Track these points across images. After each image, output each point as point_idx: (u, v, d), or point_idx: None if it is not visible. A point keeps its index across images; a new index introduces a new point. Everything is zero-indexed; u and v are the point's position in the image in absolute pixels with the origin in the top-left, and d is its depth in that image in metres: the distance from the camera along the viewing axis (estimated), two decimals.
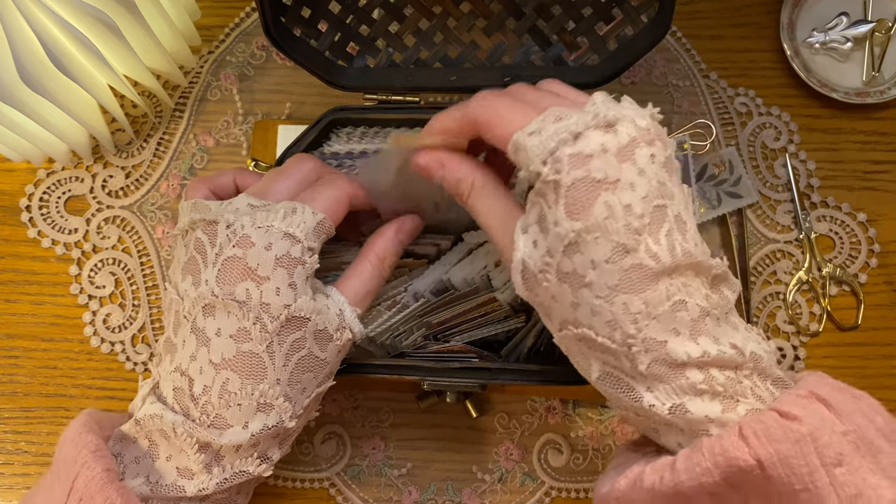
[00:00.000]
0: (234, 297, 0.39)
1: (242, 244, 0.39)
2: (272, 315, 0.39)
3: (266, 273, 0.39)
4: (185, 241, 0.42)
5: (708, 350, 0.34)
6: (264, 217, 0.40)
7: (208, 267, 0.39)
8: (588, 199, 0.34)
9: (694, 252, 0.35)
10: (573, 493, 0.56)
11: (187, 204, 0.43)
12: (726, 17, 0.63)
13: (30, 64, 0.50)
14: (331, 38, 0.53)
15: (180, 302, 0.40)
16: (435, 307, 0.48)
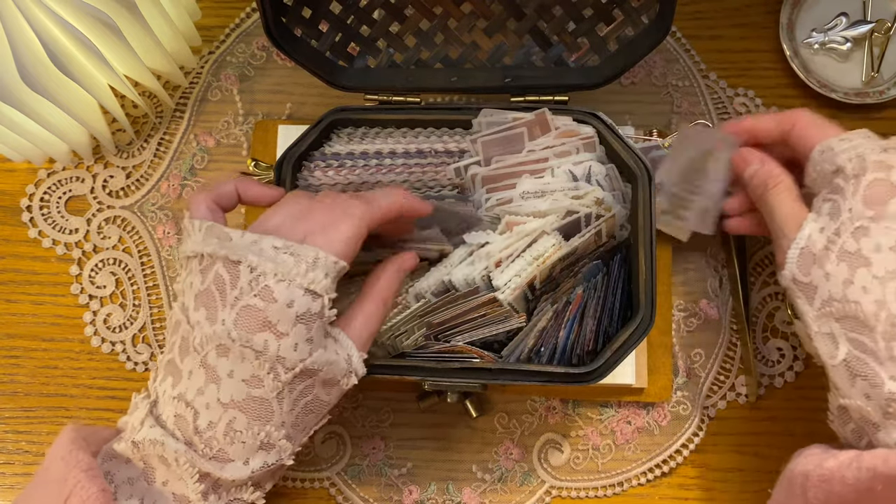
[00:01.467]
0: (252, 345, 0.39)
1: (264, 296, 0.39)
2: (287, 367, 0.39)
3: (286, 329, 0.39)
4: (201, 268, 0.41)
5: None
6: (288, 268, 0.39)
7: (226, 307, 0.39)
8: (884, 196, 0.41)
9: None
10: (573, 492, 0.56)
11: (200, 225, 0.42)
12: (726, 18, 0.63)
13: (30, 64, 0.50)
14: (331, 39, 0.53)
15: (190, 330, 0.40)
16: (436, 307, 0.48)
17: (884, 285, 0.39)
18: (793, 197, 0.47)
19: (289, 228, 0.41)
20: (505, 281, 0.47)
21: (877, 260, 0.39)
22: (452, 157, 0.51)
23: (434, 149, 0.51)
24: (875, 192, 0.41)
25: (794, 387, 0.57)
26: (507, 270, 0.47)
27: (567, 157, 0.50)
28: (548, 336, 0.49)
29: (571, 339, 0.48)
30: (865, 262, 0.40)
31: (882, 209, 0.40)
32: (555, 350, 0.49)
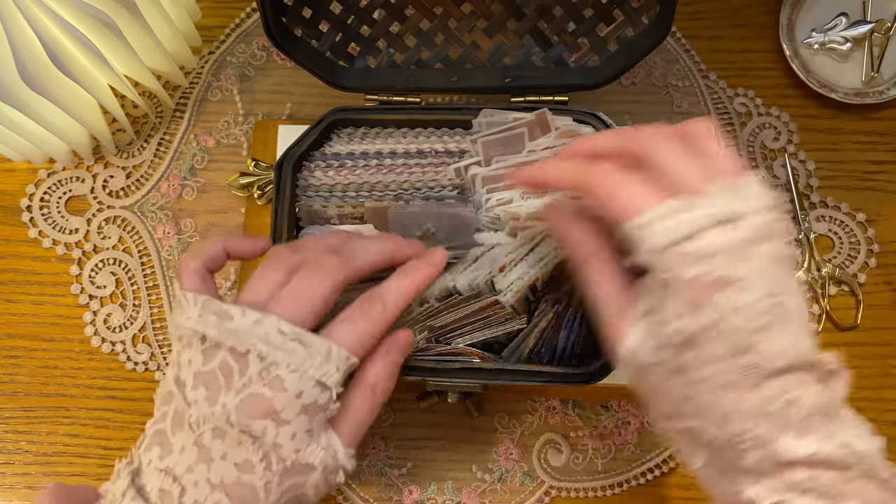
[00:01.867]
0: (251, 430, 0.38)
1: (274, 386, 0.38)
2: (280, 456, 0.38)
3: (289, 417, 0.38)
4: (203, 348, 0.39)
5: (817, 450, 0.33)
6: (300, 359, 0.38)
7: (230, 392, 0.38)
8: (705, 297, 0.33)
9: (813, 348, 0.34)
10: (573, 492, 0.56)
11: (195, 299, 0.40)
12: (726, 18, 0.63)
13: (30, 64, 0.50)
14: (332, 39, 0.53)
15: (186, 407, 0.39)
16: (438, 311, 0.48)
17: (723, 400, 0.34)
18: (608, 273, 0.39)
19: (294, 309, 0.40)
20: (507, 284, 0.47)
21: (708, 374, 0.34)
22: (452, 157, 0.51)
23: (434, 149, 0.51)
24: (693, 294, 0.34)
25: None
26: (509, 274, 0.47)
27: None
28: (548, 336, 0.48)
29: (572, 339, 0.48)
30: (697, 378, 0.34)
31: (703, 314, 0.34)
32: (555, 350, 0.49)
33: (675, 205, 0.34)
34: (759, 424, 0.34)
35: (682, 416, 0.36)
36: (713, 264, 0.33)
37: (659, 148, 0.36)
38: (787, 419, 0.33)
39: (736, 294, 0.33)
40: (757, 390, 0.33)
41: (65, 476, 0.57)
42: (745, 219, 0.34)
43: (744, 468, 0.35)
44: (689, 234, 0.33)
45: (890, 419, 0.57)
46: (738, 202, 0.34)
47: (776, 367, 0.33)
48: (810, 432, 0.33)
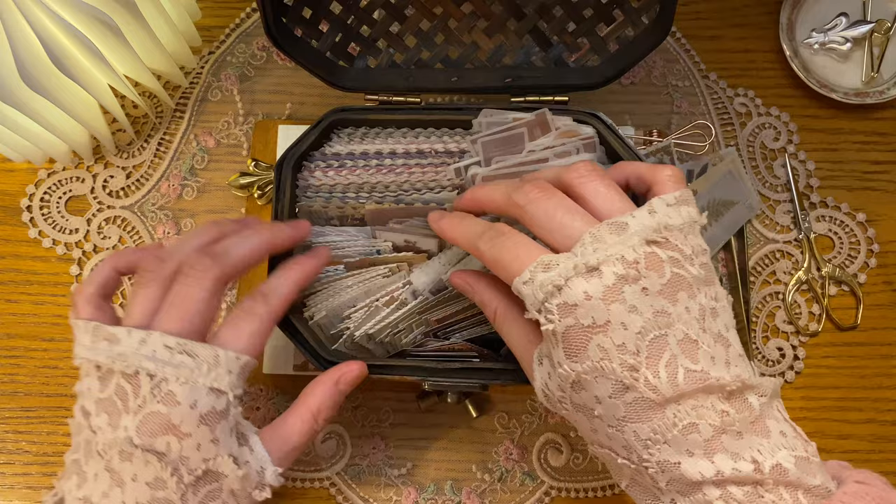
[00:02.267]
0: (154, 448, 0.38)
1: (167, 402, 0.38)
2: (190, 468, 0.38)
3: (189, 430, 0.38)
4: (99, 375, 0.39)
5: (722, 469, 0.34)
6: (189, 371, 0.38)
7: (129, 414, 0.38)
8: (582, 343, 0.35)
9: (706, 373, 0.35)
10: (573, 492, 0.56)
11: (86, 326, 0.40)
12: (726, 18, 0.63)
13: (30, 64, 0.50)
14: (332, 39, 0.53)
15: (92, 435, 0.39)
16: (434, 304, 0.48)
17: (622, 431, 0.36)
18: (515, 324, 0.41)
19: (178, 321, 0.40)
20: None
21: (602, 411, 0.36)
22: (452, 157, 0.51)
23: (434, 149, 0.51)
24: (571, 341, 0.36)
25: (795, 387, 0.57)
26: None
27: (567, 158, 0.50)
28: None
29: None
30: (595, 414, 0.37)
31: (583, 358, 0.36)
32: None
33: (545, 261, 0.36)
34: (661, 451, 0.35)
35: (597, 443, 0.39)
36: (577, 314, 0.35)
37: (537, 206, 0.39)
38: (689, 443, 0.34)
39: (609, 335, 0.35)
40: (649, 422, 0.35)
41: None
42: (609, 263, 0.35)
43: (659, 488, 0.36)
44: (554, 288, 0.36)
45: (890, 419, 0.57)
46: (602, 250, 0.35)
47: (664, 399, 0.34)
48: (717, 452, 0.34)
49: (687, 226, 0.37)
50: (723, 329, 0.37)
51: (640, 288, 0.35)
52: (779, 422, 0.36)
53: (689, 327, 0.35)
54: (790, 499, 0.34)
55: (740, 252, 0.58)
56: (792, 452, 0.35)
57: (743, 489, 0.34)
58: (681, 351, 0.35)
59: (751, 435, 0.35)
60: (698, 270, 0.37)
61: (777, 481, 0.34)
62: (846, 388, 0.57)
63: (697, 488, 0.35)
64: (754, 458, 0.34)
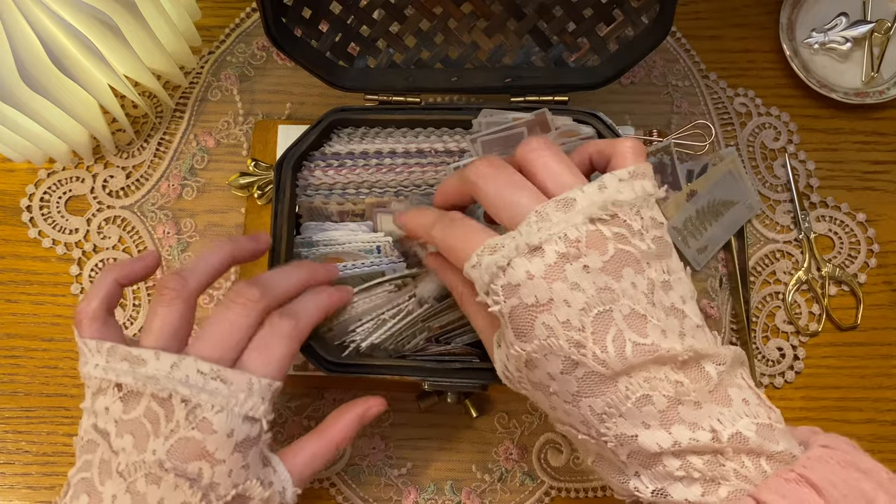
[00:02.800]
0: (186, 473, 0.38)
1: (203, 429, 0.38)
2: (219, 494, 0.38)
3: (223, 457, 0.38)
4: (121, 395, 0.39)
5: (679, 439, 0.34)
6: (224, 399, 0.38)
7: (159, 437, 0.38)
8: (528, 322, 0.36)
9: (656, 345, 0.35)
10: (573, 492, 0.56)
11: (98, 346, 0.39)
12: (726, 18, 0.63)
13: (30, 64, 0.50)
14: (332, 39, 0.53)
15: (113, 456, 0.38)
16: (437, 311, 0.48)
17: (578, 407, 0.36)
18: (478, 311, 0.42)
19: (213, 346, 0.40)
20: None
21: (556, 388, 0.36)
22: (452, 156, 0.51)
23: (434, 149, 0.51)
24: (517, 321, 0.36)
25: (794, 387, 0.57)
26: None
27: None
28: None
29: None
30: (551, 391, 0.37)
31: (531, 337, 0.36)
32: None
33: (491, 244, 0.37)
34: (617, 425, 0.35)
35: (558, 421, 0.39)
36: (521, 294, 0.36)
37: (486, 183, 0.39)
38: (644, 415, 0.35)
39: (553, 313, 0.35)
40: (602, 396, 0.35)
41: (65, 476, 0.57)
42: (551, 242, 0.35)
43: (622, 461, 0.36)
44: (498, 269, 0.36)
45: (890, 419, 0.57)
46: (543, 229, 0.36)
47: (614, 372, 0.35)
48: (673, 423, 0.35)
49: (640, 199, 0.37)
50: (677, 301, 0.37)
51: (581, 266, 0.35)
52: (741, 389, 0.36)
53: (636, 302, 0.36)
54: (752, 466, 0.34)
55: (740, 252, 0.58)
56: (754, 420, 0.35)
57: (703, 458, 0.34)
58: (627, 325, 0.35)
59: (710, 404, 0.35)
60: (648, 245, 0.37)
61: (737, 449, 0.34)
62: (846, 388, 0.57)
63: (657, 460, 0.35)
64: (713, 427, 0.34)
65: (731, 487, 0.34)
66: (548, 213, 0.36)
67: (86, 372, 0.40)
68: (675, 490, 0.35)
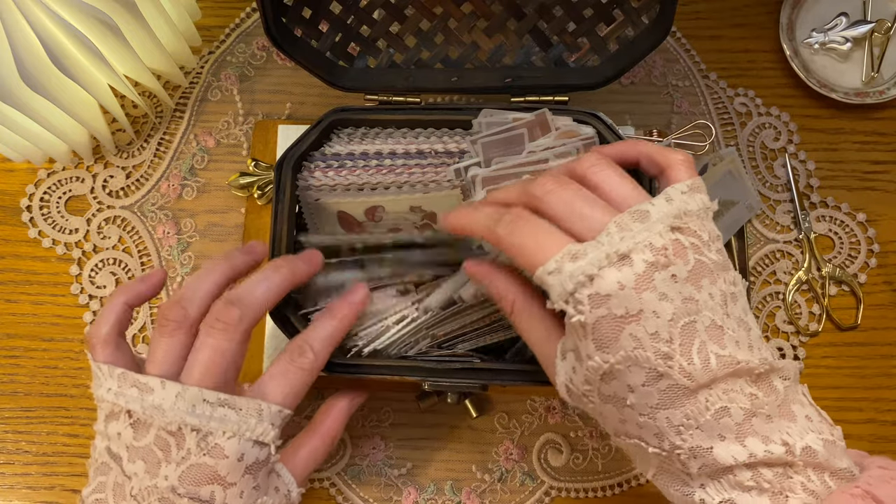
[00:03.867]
0: (199, 497, 0.38)
1: (214, 454, 0.38)
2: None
3: (234, 480, 0.39)
4: (131, 422, 0.39)
5: (755, 452, 0.34)
6: (235, 425, 0.39)
7: (171, 464, 0.38)
8: (614, 333, 0.35)
9: (734, 357, 0.35)
10: (573, 492, 0.56)
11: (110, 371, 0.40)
12: (726, 18, 0.63)
13: (30, 64, 0.50)
14: (332, 39, 0.53)
15: (126, 480, 0.39)
16: (442, 319, 0.48)
17: (654, 419, 0.36)
18: (532, 318, 0.40)
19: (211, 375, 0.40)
20: None
21: (634, 400, 0.36)
22: (452, 157, 0.51)
23: (434, 149, 0.51)
24: (602, 332, 0.35)
25: None
26: None
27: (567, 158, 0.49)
28: None
29: None
30: (627, 404, 0.36)
31: (616, 348, 0.35)
32: None
33: (573, 250, 0.36)
34: (693, 437, 0.35)
35: (624, 434, 0.38)
36: (610, 305, 0.35)
37: (553, 197, 0.38)
38: (721, 428, 0.35)
39: (642, 324, 0.34)
40: (682, 408, 0.35)
41: (65, 476, 0.57)
42: (638, 250, 0.35)
43: (690, 475, 0.36)
44: (586, 278, 0.35)
45: (890, 419, 0.57)
46: (630, 237, 0.35)
47: (698, 385, 0.34)
48: (748, 436, 0.35)
49: (703, 212, 0.37)
50: (742, 313, 0.37)
51: (669, 275, 0.35)
52: (804, 406, 0.36)
53: (715, 313, 0.35)
54: (818, 480, 0.34)
55: (740, 252, 0.58)
56: (819, 436, 0.35)
57: (773, 470, 0.34)
58: (709, 337, 0.35)
59: (779, 419, 0.35)
60: (716, 256, 0.37)
61: (807, 463, 0.34)
62: (846, 388, 0.57)
63: (729, 471, 0.35)
64: (784, 440, 0.35)
65: (798, 501, 0.34)
66: (627, 223, 0.36)
67: (99, 395, 0.41)
68: (743, 501, 0.35)
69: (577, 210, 0.37)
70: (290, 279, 0.44)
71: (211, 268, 0.43)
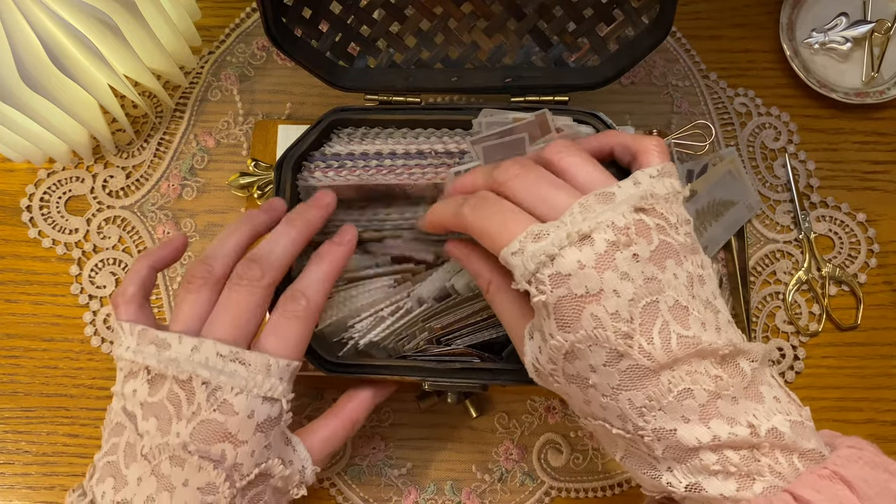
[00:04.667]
0: (210, 455, 0.38)
1: (224, 410, 0.38)
2: (242, 473, 0.39)
3: (245, 438, 0.39)
4: (148, 378, 0.40)
5: (719, 434, 0.34)
6: (243, 380, 0.39)
7: (181, 420, 0.38)
8: (574, 313, 0.35)
9: (698, 338, 0.35)
10: (573, 492, 0.56)
11: (131, 329, 0.41)
12: (726, 18, 0.63)
13: (30, 64, 0.50)
14: (332, 39, 0.53)
15: (138, 438, 0.39)
16: (437, 311, 0.48)
17: (616, 400, 0.36)
18: (506, 298, 0.41)
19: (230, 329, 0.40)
20: None
21: (596, 380, 0.36)
22: (452, 157, 0.51)
23: (434, 149, 0.51)
24: (564, 311, 0.35)
25: (795, 387, 0.57)
26: None
27: None
28: None
29: None
30: (589, 384, 0.36)
31: (577, 327, 0.35)
32: None
33: (535, 231, 0.36)
34: (656, 418, 0.35)
35: (590, 416, 0.38)
36: (570, 284, 0.35)
37: (518, 181, 0.39)
38: (685, 409, 0.34)
39: (602, 304, 0.35)
40: (644, 389, 0.35)
41: (65, 476, 0.57)
42: (600, 230, 0.35)
43: (656, 457, 0.36)
44: (546, 258, 0.35)
45: (890, 419, 0.57)
46: (592, 217, 0.35)
47: (659, 365, 0.34)
48: (712, 418, 0.34)
49: (671, 195, 0.38)
50: (710, 296, 0.37)
51: (630, 254, 0.35)
52: (772, 387, 0.36)
53: (679, 293, 0.35)
54: (786, 462, 0.34)
55: (740, 252, 0.58)
56: (787, 417, 0.35)
57: (739, 453, 0.34)
58: (672, 317, 0.35)
59: (745, 400, 0.35)
60: (684, 238, 0.37)
61: (773, 445, 0.34)
62: (846, 388, 0.57)
63: (694, 454, 0.35)
64: (750, 422, 0.34)
65: (765, 483, 0.34)
66: (590, 205, 0.36)
67: (118, 354, 0.41)
68: (709, 485, 0.35)
69: (542, 194, 0.38)
70: (305, 230, 0.45)
71: (233, 228, 0.45)
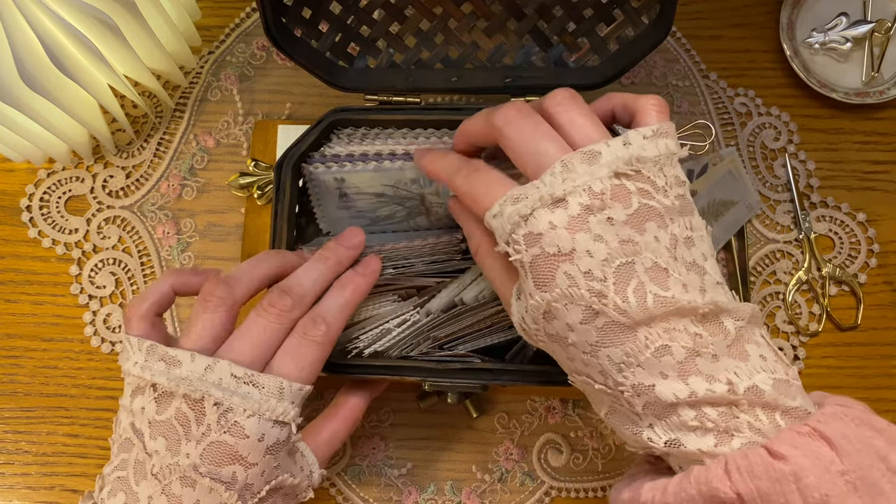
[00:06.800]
0: (220, 477, 0.38)
1: (235, 433, 0.38)
2: (253, 492, 0.39)
3: (255, 461, 0.39)
4: (155, 396, 0.39)
5: (696, 390, 0.34)
6: (255, 403, 0.39)
7: (191, 441, 0.38)
8: (549, 271, 0.36)
9: (676, 298, 0.35)
10: (573, 492, 0.56)
11: (140, 344, 0.40)
12: (726, 18, 0.63)
13: (30, 64, 0.50)
14: (331, 39, 0.53)
15: (147, 457, 0.39)
16: (443, 322, 0.48)
17: (596, 357, 0.36)
18: (495, 260, 0.41)
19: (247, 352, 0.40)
20: None
21: (575, 338, 0.36)
22: None
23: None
24: (539, 270, 0.36)
25: None
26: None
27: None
28: None
29: None
30: (569, 342, 0.37)
31: (552, 286, 0.36)
32: None
33: (514, 194, 0.37)
34: (635, 374, 0.35)
35: (574, 372, 0.39)
36: (543, 243, 0.36)
37: (512, 129, 0.39)
38: (663, 366, 0.35)
39: (575, 263, 0.35)
40: (622, 346, 0.35)
41: (64, 476, 0.57)
42: (575, 194, 0.35)
43: (637, 413, 0.36)
44: (520, 218, 0.36)
45: (890, 419, 0.57)
46: (569, 181, 0.36)
47: (634, 322, 0.35)
48: (691, 374, 0.35)
49: (663, 157, 0.37)
50: (699, 258, 0.37)
51: (605, 217, 0.35)
52: (759, 346, 0.36)
53: (658, 256, 0.36)
54: (767, 419, 0.34)
55: (740, 252, 0.58)
56: (771, 375, 0.35)
57: (717, 410, 0.34)
58: (649, 278, 0.35)
59: (727, 358, 0.35)
60: (672, 201, 0.37)
61: (752, 402, 0.34)
62: (846, 388, 0.57)
63: (672, 410, 0.35)
64: (729, 379, 0.35)
65: (744, 439, 0.34)
66: (573, 164, 0.36)
67: (126, 368, 0.41)
68: (688, 440, 0.35)
69: (533, 145, 0.38)
70: (335, 268, 0.46)
71: (264, 258, 0.45)
